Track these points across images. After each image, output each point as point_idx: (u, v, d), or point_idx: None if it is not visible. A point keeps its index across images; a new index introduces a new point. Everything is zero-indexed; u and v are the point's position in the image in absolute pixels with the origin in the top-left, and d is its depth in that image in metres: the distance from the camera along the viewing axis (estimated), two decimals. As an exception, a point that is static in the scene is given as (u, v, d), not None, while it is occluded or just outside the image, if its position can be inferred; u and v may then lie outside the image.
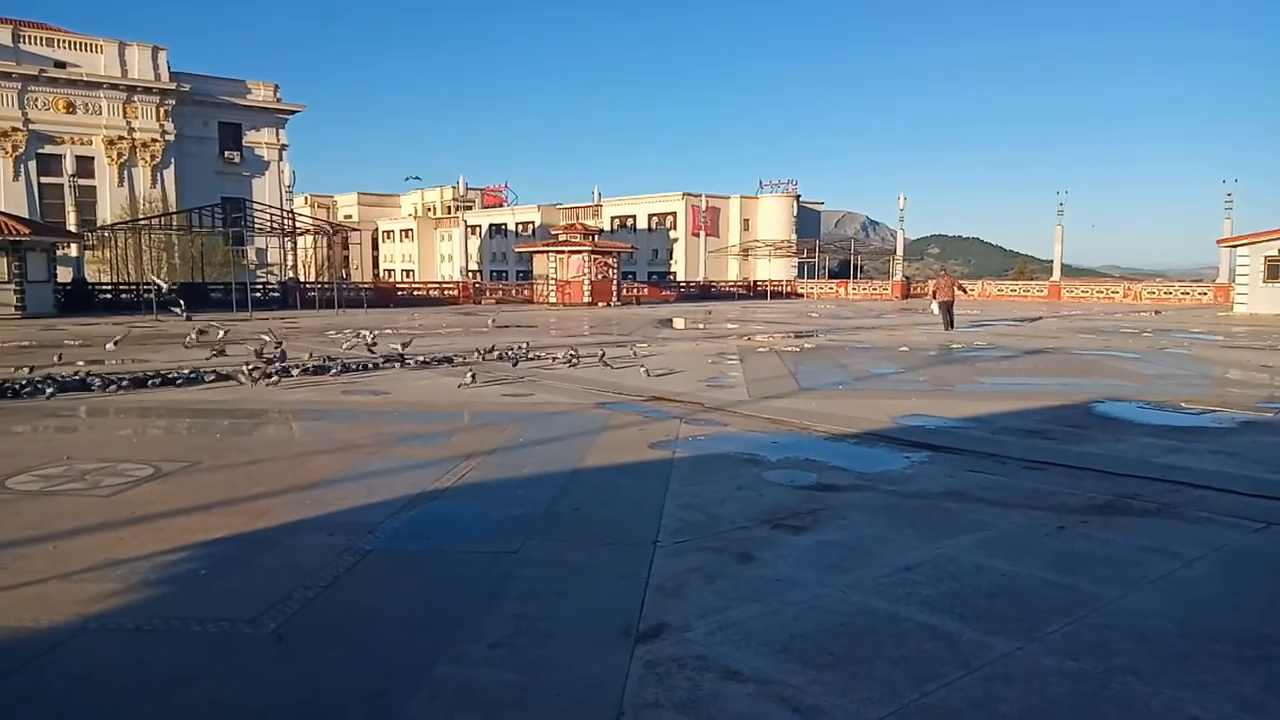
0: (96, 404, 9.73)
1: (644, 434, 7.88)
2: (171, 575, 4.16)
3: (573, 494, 5.76)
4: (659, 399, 9.93)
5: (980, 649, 3.35)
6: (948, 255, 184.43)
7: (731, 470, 6.37)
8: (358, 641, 3.49)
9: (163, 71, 47.66)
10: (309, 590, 3.93)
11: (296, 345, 16.72)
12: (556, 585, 4.06)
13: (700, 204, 75.78)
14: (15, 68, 43.63)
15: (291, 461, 6.97)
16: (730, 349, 17.10)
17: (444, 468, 6.44)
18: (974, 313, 33.70)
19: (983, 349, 17.12)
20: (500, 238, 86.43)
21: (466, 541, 4.86)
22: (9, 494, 5.65)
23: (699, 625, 3.55)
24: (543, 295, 41.99)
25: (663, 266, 75.69)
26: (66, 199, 45.16)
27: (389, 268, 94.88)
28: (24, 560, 4.33)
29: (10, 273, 27.92)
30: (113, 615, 3.64)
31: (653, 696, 2.96)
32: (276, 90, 52.60)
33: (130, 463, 6.53)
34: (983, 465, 6.57)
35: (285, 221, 41.74)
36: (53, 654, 3.30)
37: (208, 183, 47.57)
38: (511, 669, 3.19)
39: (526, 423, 8.57)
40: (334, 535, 4.79)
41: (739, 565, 4.30)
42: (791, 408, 9.27)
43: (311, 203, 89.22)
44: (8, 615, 3.61)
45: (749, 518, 5.10)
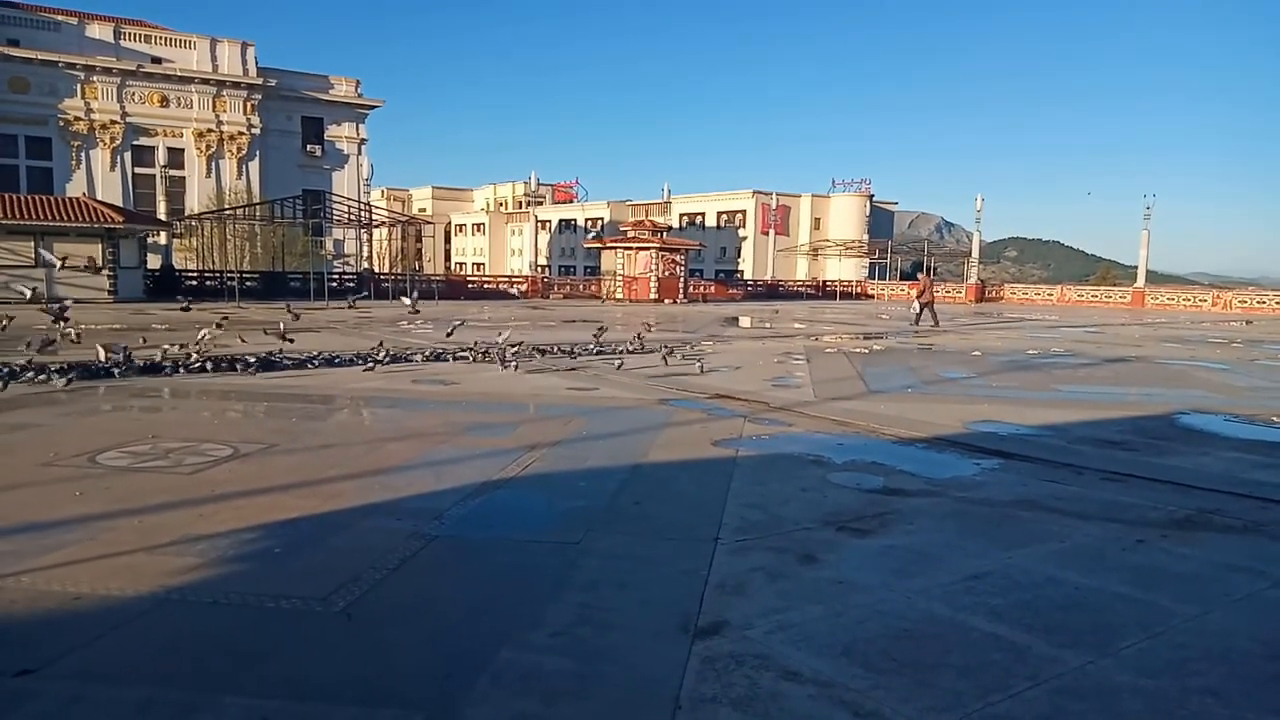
0: (180, 385, 10.14)
1: (707, 431, 7.86)
2: (248, 552, 4.31)
3: (635, 488, 5.78)
4: (723, 397, 9.89)
5: (1050, 662, 3.26)
6: (1026, 259, 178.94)
7: (796, 471, 6.31)
8: (423, 624, 3.57)
9: (250, 67, 49.36)
10: (377, 572, 4.04)
11: (370, 334, 17.16)
12: (618, 577, 4.08)
13: (771, 202, 75.16)
14: (115, 63, 45.71)
15: (363, 447, 7.16)
16: (797, 349, 16.94)
17: (509, 458, 6.53)
18: (1051, 318, 32.71)
19: (1060, 356, 16.61)
20: (569, 233, 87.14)
21: (530, 531, 4.92)
22: (99, 469, 5.93)
23: (759, 624, 3.53)
24: (610, 291, 42.18)
25: (730, 264, 75.36)
26: (157, 189, 47.16)
27: (460, 261, 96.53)
28: (112, 532, 4.55)
29: (105, 259, 29.25)
30: (193, 588, 3.80)
31: (710, 692, 2.96)
32: (358, 86, 53.98)
33: (211, 443, 6.79)
34: (1057, 475, 6.37)
35: (362, 214, 42.77)
36: (139, 622, 3.46)
37: (290, 175, 49.11)
38: (572, 657, 3.22)
39: (590, 416, 8.63)
40: (402, 520, 4.90)
41: (801, 566, 4.26)
42: (859, 409, 9.14)
43: (388, 196, 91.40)
44: (98, 583, 3.80)
45: (813, 519, 5.05)
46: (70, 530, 4.56)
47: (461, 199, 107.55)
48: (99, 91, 45.69)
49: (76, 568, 3.99)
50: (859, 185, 77.02)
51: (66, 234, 28.83)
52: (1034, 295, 53.29)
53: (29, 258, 28.26)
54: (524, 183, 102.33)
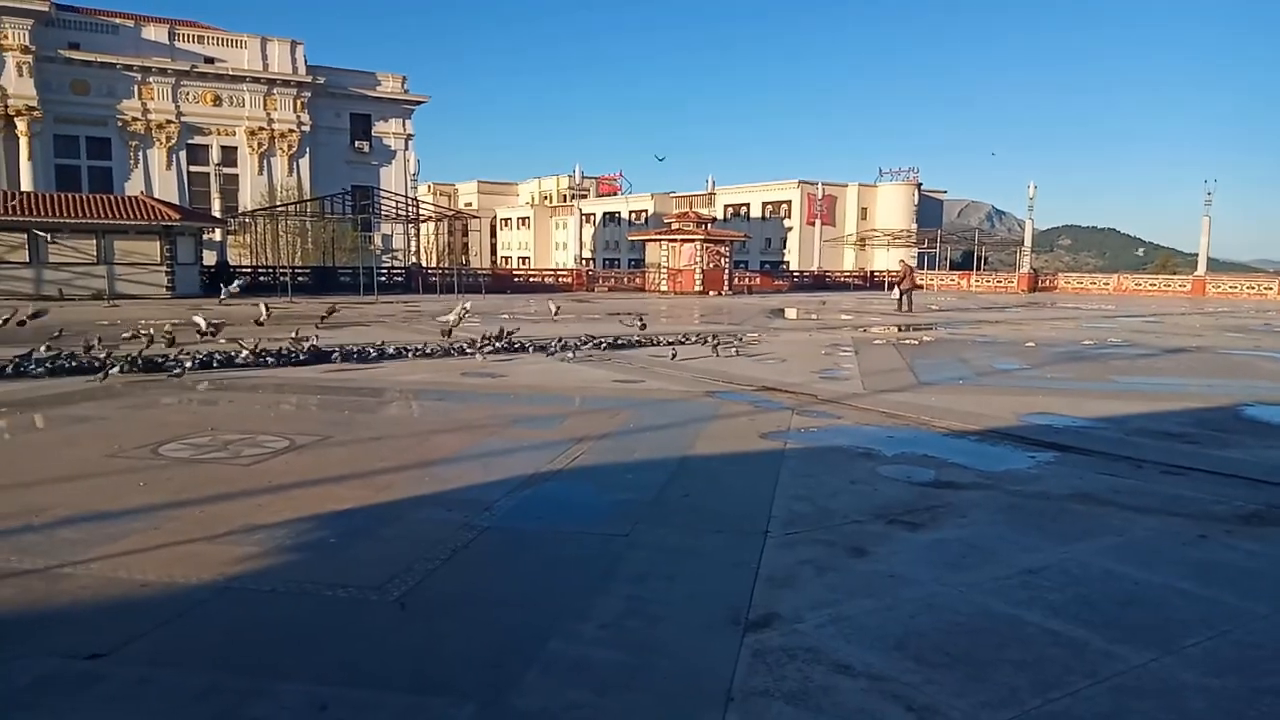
0: (237, 379, 10.37)
1: (754, 424, 7.82)
2: (305, 542, 4.40)
3: (682, 481, 5.78)
4: (770, 389, 9.84)
5: (1109, 658, 3.18)
6: (1080, 247, 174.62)
7: (845, 463, 6.25)
8: (474, 614, 3.62)
9: (300, 65, 50.25)
10: (429, 563, 4.09)
11: (418, 328, 17.39)
12: (666, 570, 4.09)
13: (816, 192, 74.45)
14: (170, 64, 46.88)
15: (414, 439, 7.27)
16: (844, 340, 16.76)
17: (557, 450, 6.57)
18: (1107, 308, 31.94)
19: (1117, 346, 16.20)
20: (614, 226, 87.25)
21: (578, 523, 4.95)
22: (162, 460, 6.10)
23: (810, 617, 3.51)
24: (654, 283, 42.18)
25: (776, 256, 74.82)
26: (212, 187, 48.37)
27: (506, 255, 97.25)
28: (175, 522, 4.68)
29: (162, 255, 30.04)
30: (253, 576, 3.89)
31: (762, 685, 2.95)
32: (404, 82, 54.65)
33: (267, 435, 6.95)
34: (1115, 468, 6.22)
35: (409, 209, 43.32)
36: (201, 609, 3.56)
37: (339, 171, 49.94)
38: (622, 649, 3.24)
39: (637, 409, 8.64)
40: (452, 511, 4.96)
41: (852, 559, 4.22)
42: (909, 402, 9.02)
43: (434, 191, 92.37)
44: (163, 571, 3.92)
45: (863, 512, 5.00)
46: (135, 519, 4.71)
47: (507, 193, 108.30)
48: (155, 92, 46.90)
49: (142, 556, 4.12)
50: (907, 174, 75.86)
51: (126, 232, 29.67)
52: (1089, 284, 52.09)
53: (91, 255, 29.16)
54: (568, 176, 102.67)
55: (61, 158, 45.26)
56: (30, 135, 43.40)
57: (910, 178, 75.74)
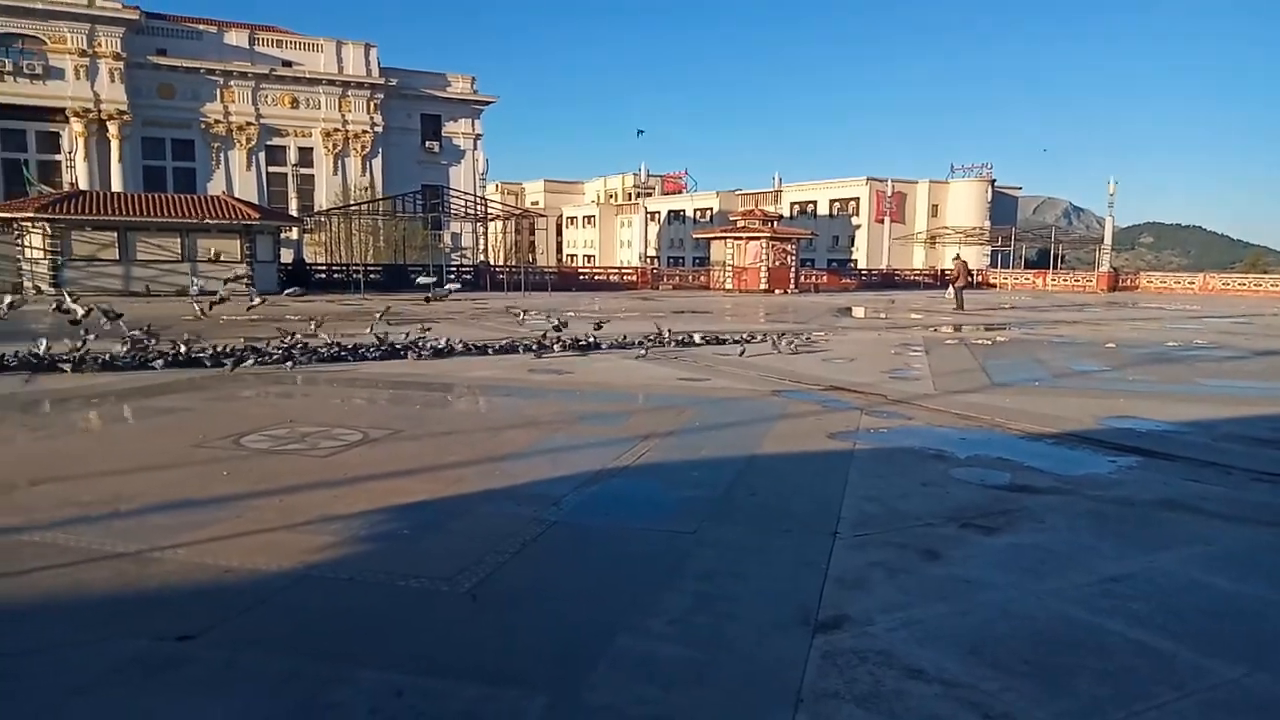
0: (313, 373, 10.68)
1: (822, 424, 7.74)
2: (379, 533, 4.51)
3: (749, 480, 5.75)
4: (838, 389, 9.71)
5: (1199, 672, 3.06)
6: (1163, 245, 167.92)
7: (916, 465, 6.13)
8: (544, 607, 3.66)
9: (373, 67, 51.47)
10: (499, 556, 4.15)
11: (486, 325, 17.65)
12: (733, 568, 4.07)
13: (885, 189, 73.23)
14: (250, 68, 48.49)
15: (483, 434, 7.38)
16: (914, 339, 16.46)
17: (623, 447, 6.60)
18: (1193, 308, 30.70)
19: (1204, 348, 15.55)
20: (678, 224, 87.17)
21: (645, 519, 4.96)
22: (243, 451, 6.32)
23: (881, 620, 3.45)
24: (719, 281, 42.04)
25: (843, 253, 73.81)
26: (289, 186, 49.86)
27: (571, 253, 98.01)
28: (256, 511, 4.84)
29: (242, 253, 31.10)
30: (330, 565, 4.00)
31: (832, 687, 2.91)
32: (473, 82, 55.53)
33: (342, 428, 7.13)
34: (1202, 475, 5.97)
35: (478, 208, 44.00)
36: (282, 595, 3.68)
37: (410, 171, 51.02)
38: (689, 645, 3.23)
39: (702, 407, 8.62)
40: (521, 506, 5.02)
41: (924, 562, 4.14)
42: (982, 403, 8.81)
43: (502, 190, 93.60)
44: (245, 558, 4.05)
45: (935, 515, 4.90)
46: (219, 508, 4.89)
47: (572, 191, 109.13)
48: (236, 95, 48.57)
49: (226, 543, 4.27)
50: (980, 170, 74.07)
51: (209, 230, 30.82)
52: (1173, 283, 50.14)
53: (176, 253, 30.33)
54: (634, 174, 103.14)
55: (149, 159, 47.23)
56: (120, 138, 45.40)
57: (983, 174, 73.95)
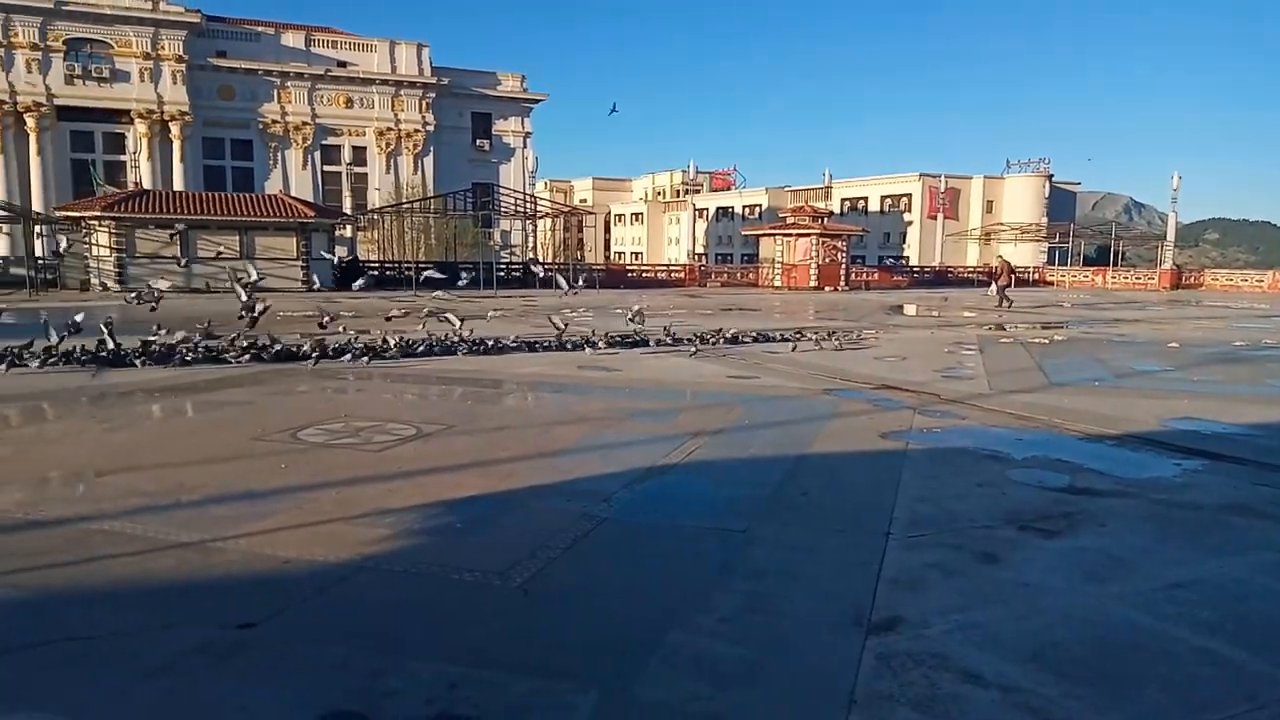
0: (366, 368, 10.85)
1: (874, 423, 7.64)
2: (432, 526, 4.57)
3: (800, 479, 5.70)
4: (890, 388, 9.58)
5: (1272, 683, 2.95)
6: (1229, 241, 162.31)
7: (971, 466, 6.02)
8: (595, 603, 3.67)
9: (425, 67, 52.16)
10: (550, 551, 4.17)
11: (535, 322, 17.76)
12: (785, 567, 4.04)
13: (939, 185, 72.03)
14: (307, 69, 49.49)
15: (533, 430, 7.43)
16: (968, 338, 16.17)
17: (672, 444, 6.59)
18: (1261, 307, 29.67)
19: (1273, 348, 15.02)
20: (726, 220, 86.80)
21: (695, 517, 4.94)
22: (301, 444, 6.45)
23: (937, 622, 3.40)
24: (768, 278, 41.77)
25: (895, 250, 72.80)
26: (343, 185, 50.78)
27: (619, 250, 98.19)
28: (314, 503, 4.94)
29: (299, 251, 31.79)
30: (386, 557, 4.06)
31: (887, 690, 2.87)
32: (523, 81, 55.95)
33: (395, 423, 7.24)
34: (1273, 479, 5.76)
35: (527, 205, 44.32)
36: (339, 586, 3.74)
37: (460, 169, 51.58)
38: (741, 644, 3.22)
39: (752, 405, 8.57)
40: (572, 501, 5.05)
41: (981, 565, 4.06)
42: (1039, 403, 8.62)
43: (550, 187, 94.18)
44: (303, 549, 4.14)
45: (992, 516, 4.81)
46: (278, 499, 5.00)
47: (620, 189, 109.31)
48: (292, 95, 49.62)
49: (285, 533, 4.37)
50: (1036, 165, 72.44)
51: (266, 228, 31.54)
52: (1239, 281, 48.52)
53: (235, 250, 31.06)
54: (682, 171, 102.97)
55: (209, 159, 48.52)
56: (182, 138, 46.67)
57: (1040, 169, 72.33)
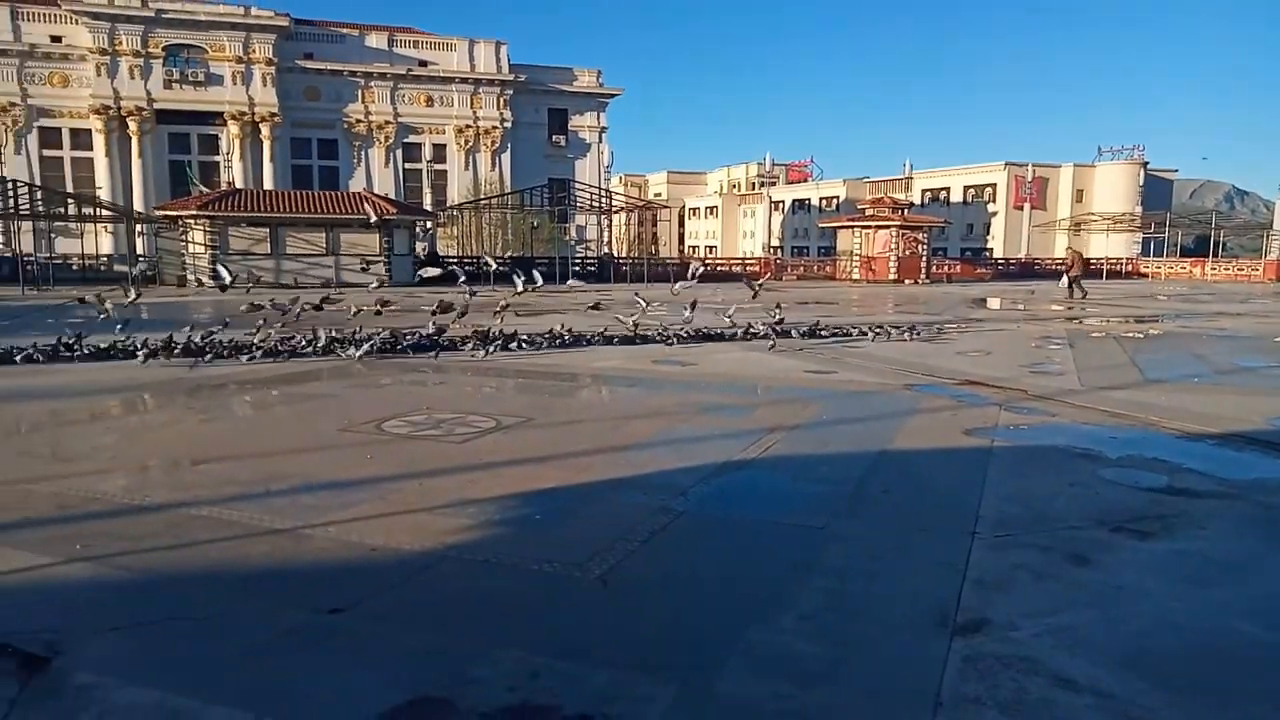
0: (446, 361, 11.08)
1: (957, 419, 7.45)
2: (512, 517, 4.64)
3: (881, 475, 5.59)
4: (974, 383, 9.32)
5: (1394, 700, 2.78)
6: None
7: (1061, 464, 5.82)
8: (673, 597, 3.67)
9: (503, 64, 52.92)
10: (628, 544, 4.19)
11: (610, 316, 17.83)
12: (866, 565, 3.97)
13: (1025, 174, 69.74)
14: (389, 69, 50.75)
15: (609, 423, 7.48)
16: (1056, 332, 15.62)
17: (749, 439, 6.54)
18: (1378, 298, 27.88)
19: (1391, 342, 14.09)
20: (803, 213, 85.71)
21: (773, 512, 4.90)
22: (385, 436, 6.63)
23: (1025, 625, 3.29)
24: (845, 271, 41.12)
25: (978, 242, 70.80)
26: (423, 182, 51.92)
27: (693, 244, 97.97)
28: (398, 493, 5.07)
29: (381, 247, 32.65)
30: (468, 547, 4.14)
31: (974, 692, 2.80)
32: (599, 76, 56.25)
33: (476, 415, 7.37)
34: (1394, 482, 5.42)
35: (602, 200, 44.56)
36: (424, 575, 3.84)
37: (537, 165, 52.20)
38: (822, 642, 3.18)
39: (830, 400, 8.46)
40: (648, 495, 5.06)
41: (1072, 567, 3.92)
42: (1133, 400, 8.27)
43: (625, 182, 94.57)
44: (389, 537, 4.25)
45: (1083, 517, 4.63)
46: (364, 489, 5.14)
47: (695, 182, 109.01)
48: (375, 95, 50.97)
49: (371, 522, 4.50)
50: (1130, 152, 69.46)
51: (350, 225, 32.46)
52: (1354, 271, 45.66)
53: (321, 247, 32.09)
54: (758, 164, 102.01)
55: (296, 158, 50.22)
56: (272, 139, 48.45)
57: (1134, 156, 69.33)
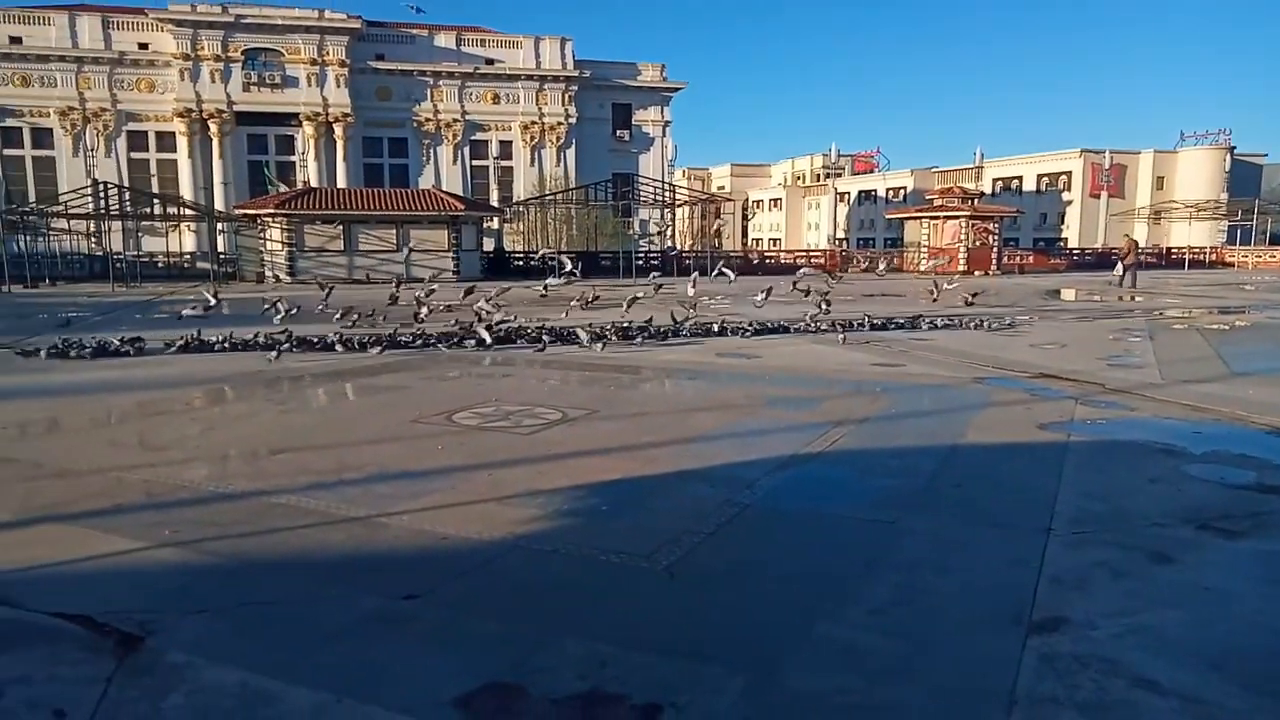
0: (513, 354, 11.24)
1: (1031, 413, 7.26)
2: (579, 508, 4.69)
3: (952, 470, 5.50)
4: (1048, 376, 9.07)
5: None
6: None
7: (1141, 460, 5.63)
8: (740, 589, 3.67)
9: (568, 61, 53.27)
10: (694, 536, 4.20)
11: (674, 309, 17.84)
12: (937, 561, 3.91)
13: (1102, 161, 67.38)
14: (457, 68, 51.56)
15: (674, 416, 7.49)
16: (1135, 324, 15.09)
17: (815, 432, 6.49)
18: None
19: None
20: (869, 204, 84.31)
21: (841, 506, 4.86)
22: (456, 427, 6.76)
23: (1104, 625, 3.20)
24: (913, 263, 40.32)
25: (1051, 232, 68.70)
26: (490, 178, 52.59)
27: (757, 237, 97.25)
28: (469, 483, 5.17)
29: (450, 242, 33.23)
30: (536, 537, 4.21)
31: (1050, 691, 2.74)
32: (663, 70, 56.20)
33: (543, 407, 7.47)
34: None
35: (665, 194, 44.54)
36: (497, 562, 3.91)
37: (601, 160, 52.44)
38: (892, 637, 3.14)
39: (899, 393, 8.33)
40: (714, 487, 5.06)
41: (1154, 565, 3.80)
42: (1218, 394, 7.95)
43: (688, 175, 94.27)
44: (460, 526, 4.34)
45: (1166, 514, 4.48)
46: (435, 479, 5.26)
47: (758, 175, 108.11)
48: (444, 94, 51.83)
49: (443, 511, 4.60)
50: (1215, 137, 66.49)
51: (420, 222, 33.11)
52: None
53: (392, 243, 32.79)
54: (823, 155, 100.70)
55: (368, 157, 51.40)
56: (345, 138, 49.67)
57: (1220, 141, 66.35)
